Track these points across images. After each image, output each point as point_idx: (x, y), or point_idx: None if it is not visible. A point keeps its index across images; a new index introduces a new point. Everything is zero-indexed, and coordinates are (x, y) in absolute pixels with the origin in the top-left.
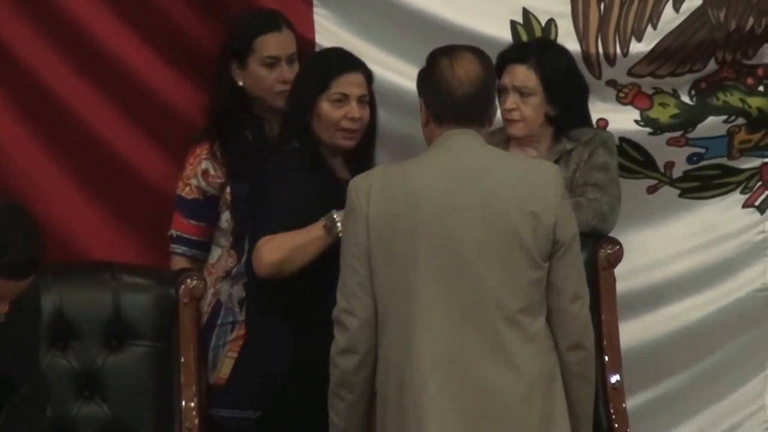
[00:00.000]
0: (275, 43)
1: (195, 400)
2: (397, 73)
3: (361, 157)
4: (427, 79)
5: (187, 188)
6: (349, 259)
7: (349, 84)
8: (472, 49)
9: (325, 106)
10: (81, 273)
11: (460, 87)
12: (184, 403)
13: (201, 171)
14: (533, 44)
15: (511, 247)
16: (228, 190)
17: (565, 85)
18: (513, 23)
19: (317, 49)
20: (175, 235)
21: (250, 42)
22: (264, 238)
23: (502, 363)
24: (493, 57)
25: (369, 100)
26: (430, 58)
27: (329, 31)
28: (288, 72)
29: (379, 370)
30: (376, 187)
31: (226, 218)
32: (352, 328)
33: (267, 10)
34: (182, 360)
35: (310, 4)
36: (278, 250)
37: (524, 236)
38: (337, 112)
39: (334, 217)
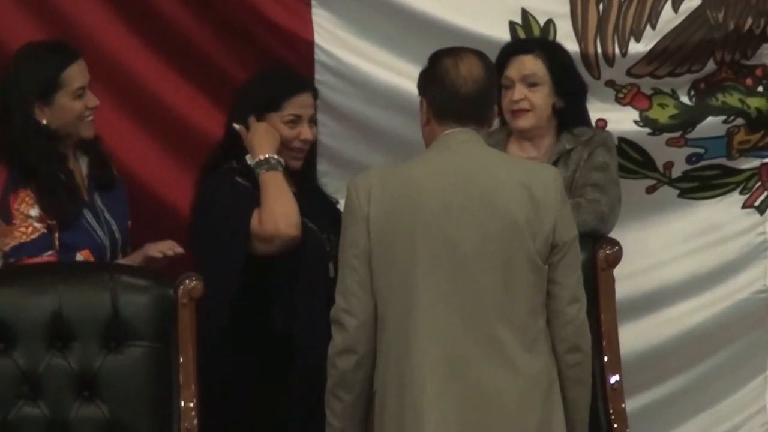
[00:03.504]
0: (80, 74)
1: (194, 400)
2: (396, 73)
3: (305, 171)
4: (430, 77)
5: (30, 229)
6: (349, 258)
7: (302, 105)
8: (475, 51)
9: (278, 127)
10: (79, 274)
11: (464, 85)
12: (183, 403)
13: (36, 216)
14: (535, 39)
15: (511, 249)
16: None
17: (570, 77)
18: (512, 24)
19: (317, 50)
20: None
21: (55, 79)
22: (266, 218)
23: (501, 365)
24: (492, 58)
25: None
26: (433, 57)
27: (328, 32)
28: (92, 98)
29: (378, 371)
30: (377, 187)
31: None
32: (351, 328)
33: (62, 45)
34: (181, 360)
35: (309, 5)
36: (288, 217)
37: (524, 238)
38: (290, 132)
39: (269, 158)
